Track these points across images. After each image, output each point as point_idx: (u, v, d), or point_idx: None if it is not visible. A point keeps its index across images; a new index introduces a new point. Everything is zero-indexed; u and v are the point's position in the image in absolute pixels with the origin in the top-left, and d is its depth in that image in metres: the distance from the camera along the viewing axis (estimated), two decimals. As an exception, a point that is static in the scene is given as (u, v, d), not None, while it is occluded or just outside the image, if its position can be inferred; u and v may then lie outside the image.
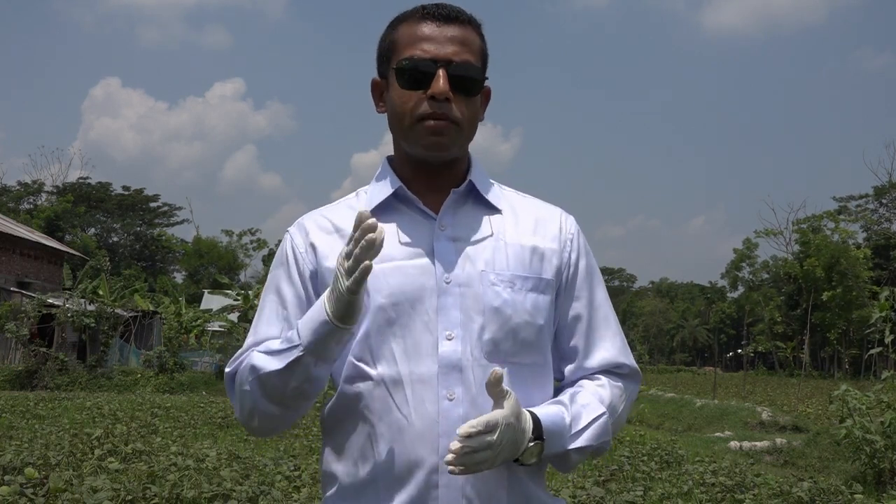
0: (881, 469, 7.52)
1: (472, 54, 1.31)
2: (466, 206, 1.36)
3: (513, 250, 1.33)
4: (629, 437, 9.98)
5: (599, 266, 1.48)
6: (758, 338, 51.00)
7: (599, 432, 1.29)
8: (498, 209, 1.37)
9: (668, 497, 5.98)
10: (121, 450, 6.86)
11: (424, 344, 1.26)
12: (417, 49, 1.29)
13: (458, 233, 1.33)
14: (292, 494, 5.36)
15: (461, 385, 1.24)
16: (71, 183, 56.28)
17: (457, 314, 1.27)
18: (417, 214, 1.34)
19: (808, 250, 45.63)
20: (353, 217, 1.32)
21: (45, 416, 10.14)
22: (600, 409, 1.30)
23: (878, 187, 50.50)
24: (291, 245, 1.37)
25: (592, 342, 1.38)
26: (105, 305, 19.97)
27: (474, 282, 1.29)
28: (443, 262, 1.29)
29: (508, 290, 1.29)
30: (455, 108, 1.28)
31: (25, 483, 4.93)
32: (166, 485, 5.11)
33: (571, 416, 1.28)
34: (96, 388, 16.51)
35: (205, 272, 55.16)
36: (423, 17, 1.31)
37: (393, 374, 1.25)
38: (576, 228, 1.42)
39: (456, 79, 1.28)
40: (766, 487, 6.25)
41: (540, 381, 1.33)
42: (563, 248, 1.38)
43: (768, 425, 13.69)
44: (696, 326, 73.58)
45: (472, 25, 1.34)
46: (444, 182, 1.35)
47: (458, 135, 1.30)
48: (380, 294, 1.27)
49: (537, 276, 1.33)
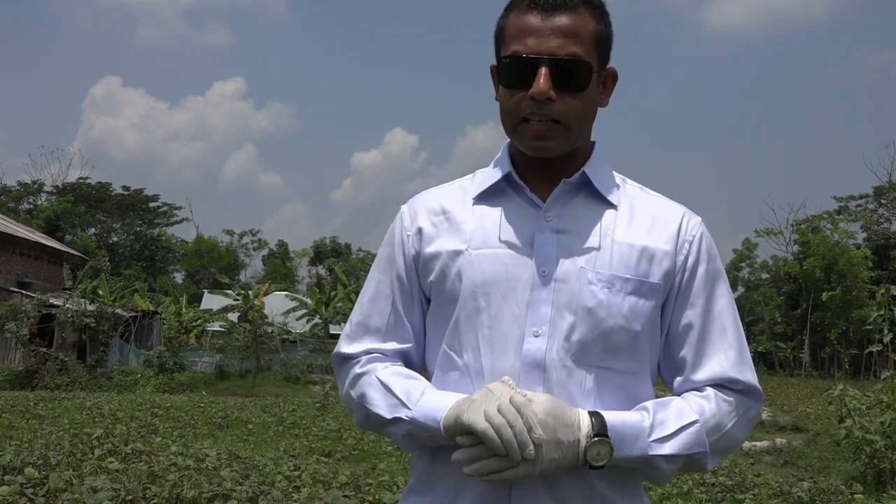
0: (881, 469, 7.52)
1: (581, 44, 1.22)
2: (578, 198, 1.30)
3: (619, 249, 1.25)
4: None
5: None
6: (758, 338, 50.96)
7: (691, 441, 1.19)
8: (613, 204, 1.30)
9: (668, 497, 5.97)
10: (121, 450, 6.86)
11: (511, 338, 1.22)
12: (520, 43, 1.22)
13: (564, 225, 1.26)
14: (292, 494, 5.36)
15: (542, 384, 1.20)
16: (71, 183, 56.30)
17: (547, 310, 1.22)
18: (525, 202, 1.29)
19: (808, 250, 45.64)
20: (464, 198, 1.34)
21: (45, 416, 10.14)
22: (692, 416, 1.21)
23: (878, 187, 50.50)
24: (401, 226, 1.37)
25: (703, 354, 1.28)
26: (105, 305, 19.97)
27: (571, 278, 1.23)
28: (542, 254, 1.24)
29: (605, 291, 1.22)
30: (559, 106, 1.21)
31: (25, 483, 4.93)
32: (166, 485, 5.11)
33: (653, 420, 1.19)
34: (96, 388, 16.50)
35: (205, 272, 55.18)
36: (530, 4, 1.23)
37: (476, 366, 1.23)
38: (699, 231, 1.32)
39: (560, 75, 1.21)
40: (766, 487, 6.25)
41: (633, 391, 1.25)
42: (678, 251, 1.28)
43: (768, 425, 13.68)
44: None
45: (587, 7, 1.25)
46: (557, 172, 1.29)
47: (564, 134, 1.24)
48: (472, 281, 1.25)
49: (641, 278, 1.24)
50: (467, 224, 1.30)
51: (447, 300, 1.28)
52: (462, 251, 1.28)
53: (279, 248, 63.02)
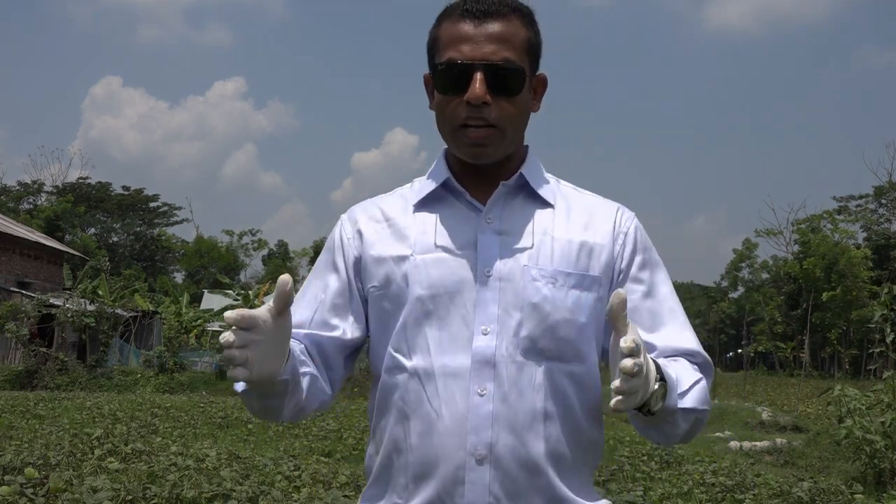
0: (881, 469, 7.52)
1: (514, 50, 1.26)
2: (517, 200, 1.33)
3: (560, 246, 1.29)
4: (629, 437, 9.97)
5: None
6: (758, 338, 50.99)
7: (701, 397, 1.23)
8: (550, 204, 1.34)
9: (668, 497, 5.97)
10: (121, 450, 6.86)
11: (460, 337, 1.24)
12: (455, 51, 1.25)
13: (505, 226, 1.30)
14: (292, 494, 5.36)
15: (493, 381, 1.22)
16: (71, 183, 56.28)
17: (494, 309, 1.25)
18: (465, 206, 1.32)
19: (808, 250, 45.65)
20: (405, 206, 1.35)
21: (45, 416, 10.14)
22: (696, 374, 1.26)
23: (878, 187, 50.49)
24: (340, 231, 1.39)
25: (660, 332, 1.31)
26: (105, 305, 19.98)
27: (515, 276, 1.26)
28: (485, 255, 1.27)
29: (549, 287, 1.26)
30: (495, 110, 1.25)
31: (25, 483, 4.93)
32: (166, 485, 5.11)
33: (675, 373, 1.21)
34: (96, 388, 16.51)
35: (205, 272, 55.17)
36: (463, 13, 1.26)
37: (426, 367, 1.25)
38: (632, 223, 1.36)
39: (495, 80, 1.24)
40: (766, 487, 6.25)
41: (582, 381, 1.29)
42: (615, 243, 1.33)
43: (768, 425, 13.68)
44: (697, 326, 73.18)
45: (517, 15, 1.28)
46: (494, 176, 1.32)
47: (500, 138, 1.27)
48: (419, 285, 1.27)
49: (583, 272, 1.29)
50: (410, 230, 1.32)
51: (394, 305, 1.30)
52: (407, 256, 1.30)
53: (279, 248, 63.06)
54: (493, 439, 1.21)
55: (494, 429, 1.21)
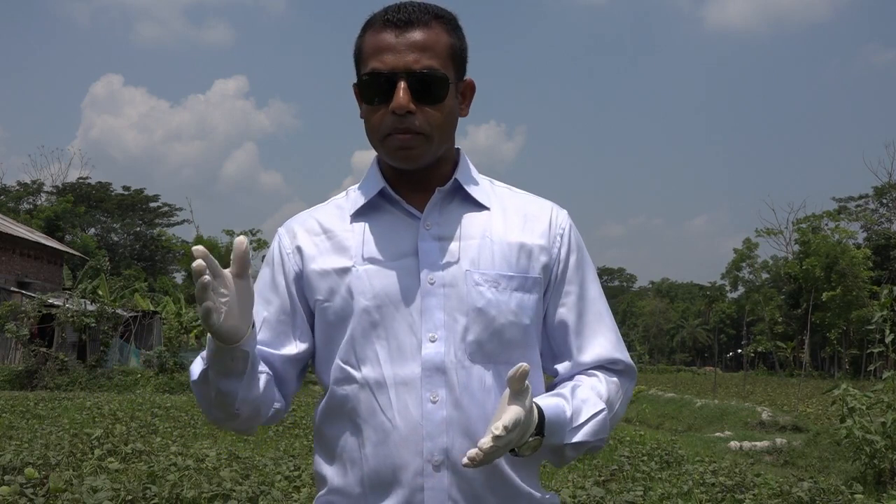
0: (881, 469, 7.52)
1: (437, 57, 1.26)
2: (453, 204, 1.34)
3: (499, 248, 1.30)
4: (629, 436, 9.97)
5: (599, 266, 1.46)
6: (758, 338, 51.01)
7: (598, 428, 1.27)
8: (486, 206, 1.34)
9: (668, 497, 5.97)
10: (121, 450, 6.86)
11: (408, 346, 1.25)
12: (378, 61, 1.26)
13: (444, 232, 1.31)
14: (292, 494, 5.36)
15: (444, 387, 1.24)
16: (71, 183, 56.26)
17: (440, 315, 1.26)
18: (403, 214, 1.32)
19: (808, 250, 45.63)
20: (342, 217, 1.36)
21: (45, 416, 10.14)
22: (600, 405, 1.28)
23: (878, 187, 50.49)
24: (279, 247, 1.38)
25: (585, 338, 1.35)
26: (105, 305, 19.97)
27: (459, 282, 1.27)
28: (427, 262, 1.28)
29: (493, 291, 1.27)
30: (420, 118, 1.25)
31: (25, 483, 4.93)
32: (166, 485, 5.11)
33: (572, 410, 1.25)
34: (96, 388, 16.51)
35: (205, 272, 55.07)
36: (384, 23, 1.27)
37: (377, 377, 1.25)
38: (567, 223, 1.38)
39: (418, 88, 1.24)
40: (766, 487, 6.24)
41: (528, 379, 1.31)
42: (552, 244, 1.35)
43: (768, 425, 13.69)
44: (696, 326, 73.56)
45: (440, 22, 1.29)
46: (429, 182, 1.33)
47: (427, 145, 1.27)
48: (363, 297, 1.27)
49: (523, 274, 1.30)
50: (349, 241, 1.32)
51: (339, 317, 1.29)
52: (349, 268, 1.30)
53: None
54: (449, 445, 1.22)
55: (449, 434, 1.22)
